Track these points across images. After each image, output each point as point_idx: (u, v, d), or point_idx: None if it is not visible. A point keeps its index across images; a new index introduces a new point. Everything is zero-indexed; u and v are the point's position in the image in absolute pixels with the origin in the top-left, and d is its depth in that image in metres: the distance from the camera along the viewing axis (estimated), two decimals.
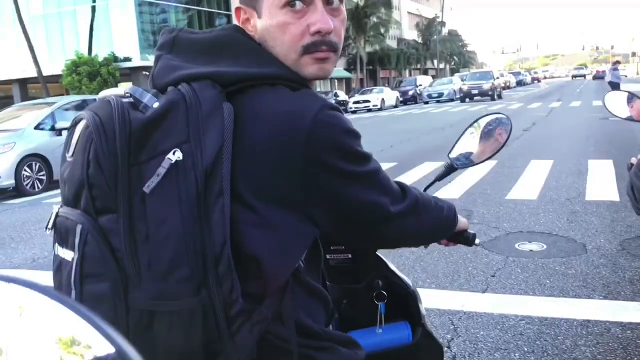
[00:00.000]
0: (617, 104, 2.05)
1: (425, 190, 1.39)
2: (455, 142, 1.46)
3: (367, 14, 50.65)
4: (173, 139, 0.82)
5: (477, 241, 1.34)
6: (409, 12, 76.14)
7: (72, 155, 0.87)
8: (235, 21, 1.04)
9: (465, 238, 1.31)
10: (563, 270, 4.03)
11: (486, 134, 1.45)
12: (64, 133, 9.92)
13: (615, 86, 21.76)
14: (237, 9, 1.00)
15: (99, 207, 0.83)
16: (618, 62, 24.20)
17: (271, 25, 0.94)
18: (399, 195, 1.00)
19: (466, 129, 1.47)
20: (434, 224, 1.11)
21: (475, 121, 1.47)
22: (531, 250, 4.54)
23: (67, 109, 10.79)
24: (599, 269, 4.02)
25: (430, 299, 3.61)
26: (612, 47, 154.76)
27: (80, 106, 11.25)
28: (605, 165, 8.03)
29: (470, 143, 1.45)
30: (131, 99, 0.87)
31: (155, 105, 0.85)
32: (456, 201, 6.40)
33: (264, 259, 0.85)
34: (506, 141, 1.41)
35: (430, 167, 8.83)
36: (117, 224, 0.81)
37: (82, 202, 0.84)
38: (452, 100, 34.15)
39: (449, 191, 6.87)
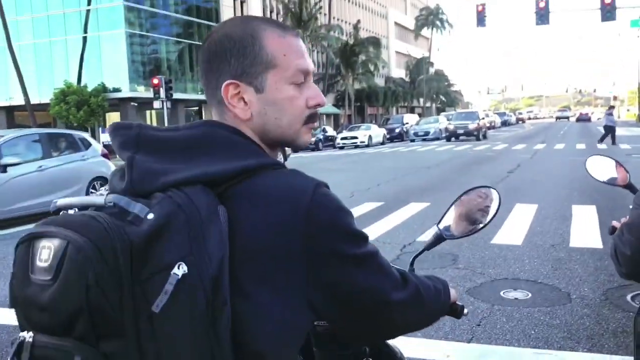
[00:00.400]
0: (598, 168, 2.10)
1: (414, 259, 1.39)
2: (445, 213, 1.46)
3: (356, 52, 51.53)
4: (175, 252, 0.79)
5: (465, 311, 1.34)
6: (397, 52, 77.58)
7: (52, 279, 0.79)
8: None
9: (453, 310, 1.30)
10: (548, 320, 4.04)
11: (475, 207, 1.45)
12: (10, 170, 9.12)
13: (609, 129, 22.22)
14: (228, 85, 0.96)
15: (100, 333, 0.79)
16: (612, 107, 24.99)
17: (279, 98, 0.97)
18: (399, 282, 0.99)
19: (456, 200, 1.47)
20: (433, 310, 1.11)
21: (465, 192, 1.48)
22: (516, 299, 4.55)
23: (16, 144, 9.75)
24: (583, 319, 4.03)
25: (416, 349, 3.59)
26: (595, 91, 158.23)
27: (36, 141, 10.12)
28: (588, 210, 8.13)
29: (459, 214, 1.45)
30: (115, 208, 0.83)
31: (150, 216, 0.81)
32: (442, 244, 6.39)
33: (267, 354, 0.85)
34: (494, 216, 1.42)
35: (416, 208, 8.88)
36: (123, 349, 0.78)
37: (78, 329, 0.79)
38: (438, 139, 34.57)
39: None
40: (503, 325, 3.98)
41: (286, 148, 1.07)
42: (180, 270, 0.78)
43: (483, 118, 36.23)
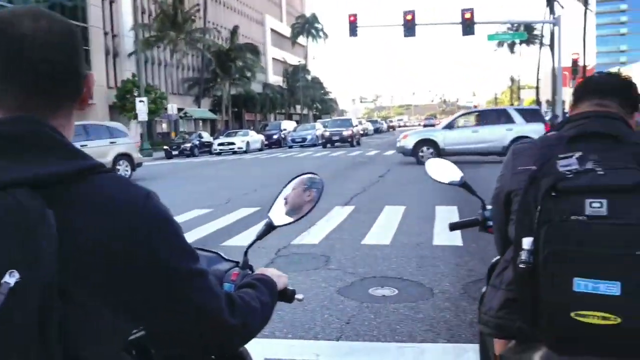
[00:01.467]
0: (437, 170, 2.23)
1: (247, 250, 1.41)
2: (274, 201, 1.52)
3: (233, 58, 51.17)
4: (5, 258, 0.74)
5: (299, 296, 1.39)
6: (274, 58, 78.18)
7: None
8: None
9: (283, 296, 1.33)
10: (412, 315, 4.22)
11: (302, 193, 1.52)
12: None
13: None
14: (92, 75, 0.97)
15: None
16: None
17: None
18: (228, 307, 1.00)
19: (284, 188, 1.53)
20: (261, 319, 1.11)
21: (292, 180, 1.55)
22: (384, 296, 4.72)
23: None
24: (443, 312, 4.27)
25: (287, 350, 3.61)
26: (457, 100, 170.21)
27: None
28: (450, 211, 8.67)
29: (288, 201, 1.51)
30: None
31: None
32: (315, 246, 6.52)
33: (90, 357, 0.83)
34: (318, 200, 1.50)
35: None
36: None
37: None
38: (314, 145, 35.26)
39: (309, 237, 6.99)
40: (371, 321, 4.10)
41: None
42: (12, 278, 0.72)
43: (356, 125, 37.55)
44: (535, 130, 16.96)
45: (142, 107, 29.70)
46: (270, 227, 1.48)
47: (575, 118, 1.55)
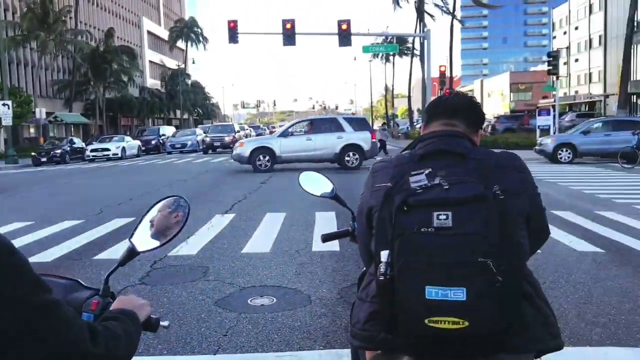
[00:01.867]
0: (310, 182, 2.30)
1: (108, 277, 1.36)
2: (137, 225, 1.47)
3: (108, 60, 48.82)
4: None
5: (164, 323, 1.38)
6: (151, 62, 75.56)
7: None
8: None
9: (148, 326, 1.31)
10: (290, 323, 4.27)
11: (169, 215, 1.49)
12: None
13: (383, 143, 24.29)
14: None
15: None
16: (385, 124, 27.63)
17: None
18: (88, 337, 0.96)
19: (148, 211, 1.49)
20: (126, 347, 1.08)
21: (156, 203, 1.51)
22: (262, 305, 4.72)
23: None
24: (320, 319, 4.35)
25: None
26: (337, 107, 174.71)
27: None
28: (329, 217, 8.88)
29: (154, 224, 1.47)
30: None
31: None
32: (193, 257, 6.38)
33: None
34: (185, 222, 1.47)
35: None
36: None
37: None
38: (195, 151, 34.63)
39: (187, 247, 6.82)
40: (249, 332, 4.09)
41: None
42: None
43: (239, 131, 37.40)
44: (363, 138, 18.21)
45: (6, 111, 27.53)
46: (133, 253, 1.42)
47: (426, 137, 1.67)
